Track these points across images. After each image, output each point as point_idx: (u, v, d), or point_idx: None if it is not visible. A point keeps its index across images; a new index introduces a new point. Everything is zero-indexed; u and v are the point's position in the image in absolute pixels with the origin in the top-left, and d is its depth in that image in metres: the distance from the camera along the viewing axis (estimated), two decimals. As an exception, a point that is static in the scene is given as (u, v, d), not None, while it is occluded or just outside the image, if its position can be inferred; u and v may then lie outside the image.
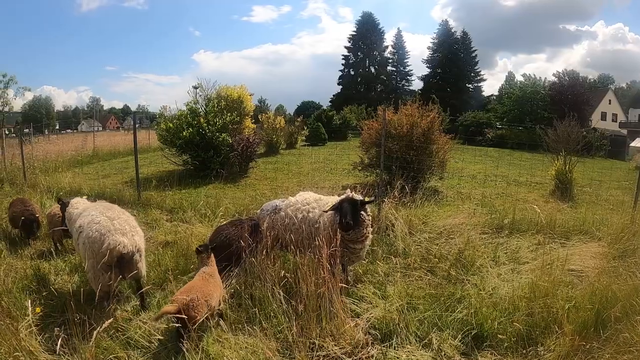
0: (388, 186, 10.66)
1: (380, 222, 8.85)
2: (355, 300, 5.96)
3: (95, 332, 4.36)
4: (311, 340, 4.91)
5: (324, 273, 5.32)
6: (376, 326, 5.38)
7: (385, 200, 9.36)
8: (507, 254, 7.87)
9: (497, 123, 45.86)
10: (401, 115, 14.09)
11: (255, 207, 10.77)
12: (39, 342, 4.97)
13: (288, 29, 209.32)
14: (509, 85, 66.20)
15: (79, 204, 6.79)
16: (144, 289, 5.80)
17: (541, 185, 15.87)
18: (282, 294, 5.45)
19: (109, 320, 4.57)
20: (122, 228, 5.66)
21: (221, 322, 5.10)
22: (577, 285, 6.18)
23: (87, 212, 6.11)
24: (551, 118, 23.74)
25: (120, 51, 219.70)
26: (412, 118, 13.75)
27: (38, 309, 5.49)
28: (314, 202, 6.64)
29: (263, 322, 5.22)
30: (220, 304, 5.21)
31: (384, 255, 7.57)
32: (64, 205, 7.42)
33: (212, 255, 5.51)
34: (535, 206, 8.62)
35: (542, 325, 5.14)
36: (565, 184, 14.10)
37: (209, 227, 9.42)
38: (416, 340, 5.05)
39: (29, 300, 5.40)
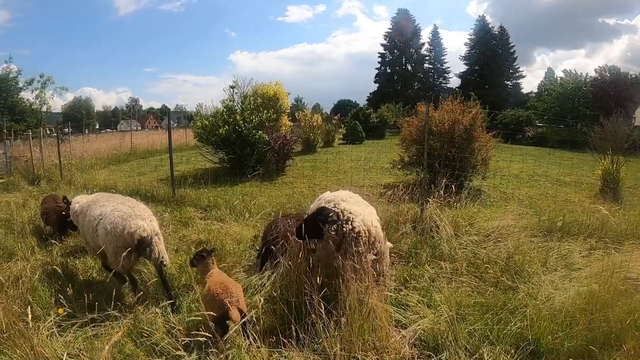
0: (432, 185, 10.16)
1: (423, 223, 8.45)
2: (399, 309, 5.55)
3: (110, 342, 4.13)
4: (353, 355, 4.52)
5: (368, 280, 4.92)
6: (422, 338, 4.98)
7: (430, 200, 8.90)
8: (557, 259, 7.31)
9: (537, 121, 44.53)
10: (442, 112, 13.65)
11: (291, 206, 10.48)
12: (60, 344, 4.77)
13: (323, 28, 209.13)
14: (549, 82, 64.69)
15: (80, 199, 7.20)
16: (172, 291, 5.96)
17: (586, 186, 15.13)
18: (321, 301, 5.05)
19: (119, 333, 4.38)
20: (142, 214, 6.09)
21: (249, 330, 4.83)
22: (634, 296, 5.58)
23: (102, 203, 6.46)
24: (594, 115, 22.87)
25: (157, 53, 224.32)
26: (453, 114, 13.31)
27: (61, 310, 5.34)
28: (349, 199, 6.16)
29: (300, 332, 4.88)
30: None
31: (428, 259, 7.17)
32: (68, 204, 7.67)
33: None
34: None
35: (600, 340, 4.63)
36: (612, 185, 13.35)
37: (244, 226, 9.19)
38: (466, 356, 4.62)
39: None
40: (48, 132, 40.54)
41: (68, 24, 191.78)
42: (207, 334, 4.51)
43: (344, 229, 5.29)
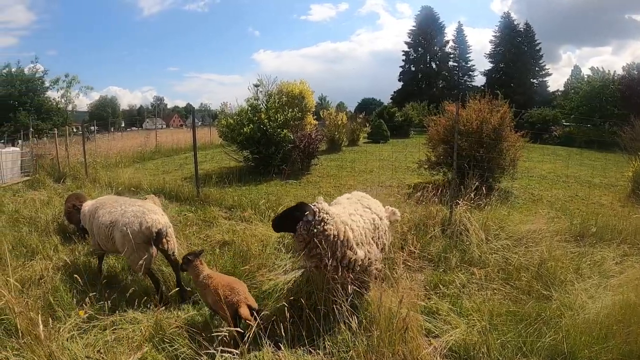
0: (461, 186, 9.86)
1: (453, 226, 8.27)
2: (429, 318, 5.37)
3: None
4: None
5: (399, 289, 4.72)
6: (454, 349, 4.79)
7: (460, 202, 8.63)
8: (590, 265, 7.01)
9: (564, 120, 43.58)
10: (470, 111, 13.38)
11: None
12: (80, 347, 4.72)
13: (346, 27, 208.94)
14: (576, 80, 63.40)
15: (87, 205, 7.55)
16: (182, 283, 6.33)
17: (616, 188, 14.63)
18: (351, 310, 4.91)
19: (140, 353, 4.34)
20: (153, 209, 6.56)
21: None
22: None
23: (109, 208, 6.79)
24: (623, 115, 22.23)
25: (182, 52, 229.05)
26: (482, 114, 13.06)
27: (82, 312, 5.28)
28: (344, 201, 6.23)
29: (327, 340, 4.77)
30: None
31: (458, 264, 7.02)
32: (78, 210, 7.96)
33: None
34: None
35: (637, 355, 4.39)
36: (645, 187, 12.80)
37: (270, 227, 8.98)
38: (499, 368, 4.43)
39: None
40: (74, 130, 41.01)
41: (94, 24, 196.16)
42: (230, 330, 4.54)
43: (314, 229, 5.09)
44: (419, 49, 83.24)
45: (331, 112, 26.83)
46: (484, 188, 9.29)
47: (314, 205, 5.20)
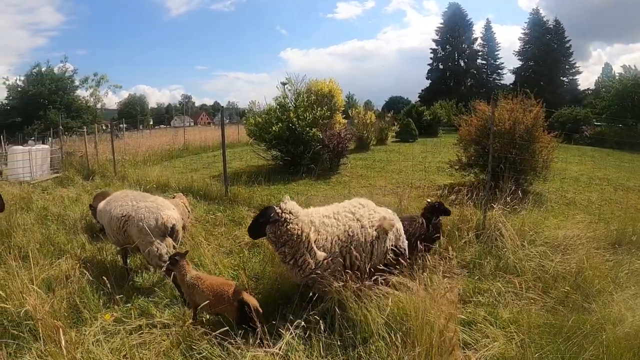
0: (495, 189, 9.53)
1: (487, 230, 8.05)
2: (465, 328, 5.15)
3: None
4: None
5: (437, 298, 4.50)
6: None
7: (495, 205, 8.32)
8: (628, 275, 6.64)
9: (594, 120, 42.42)
10: (502, 111, 13.04)
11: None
12: (105, 352, 4.64)
13: (373, 25, 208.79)
14: (607, 78, 62.11)
15: (102, 203, 7.63)
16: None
17: (652, 191, 14.11)
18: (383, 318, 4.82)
19: None
20: (166, 205, 6.91)
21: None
22: None
23: (120, 202, 7.05)
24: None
25: (209, 51, 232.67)
26: (514, 113, 12.74)
27: (108, 316, 5.29)
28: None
29: (360, 350, 4.63)
30: None
31: (493, 271, 6.81)
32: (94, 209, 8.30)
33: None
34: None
35: None
36: (681, 191, 12.27)
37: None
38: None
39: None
40: (103, 128, 41.48)
41: (122, 24, 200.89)
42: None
43: (279, 230, 5.30)
44: (447, 46, 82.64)
45: (360, 111, 26.68)
46: (520, 192, 9.07)
47: (278, 206, 5.38)
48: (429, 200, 7.57)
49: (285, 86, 19.34)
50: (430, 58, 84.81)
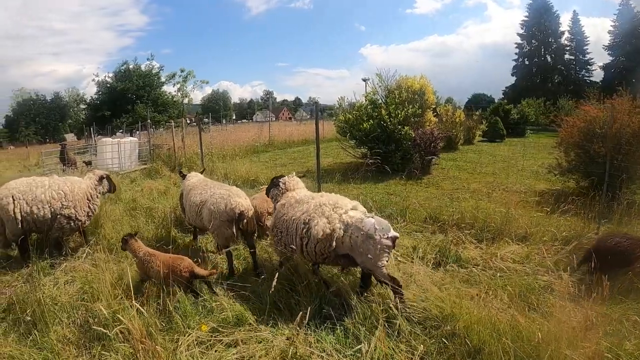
0: (595, 197, 8.80)
1: None
2: None
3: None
4: None
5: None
6: None
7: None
8: None
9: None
10: (606, 112, 11.77)
11: (451, 213, 9.45)
12: None
13: (453, 19, 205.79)
14: None
15: (190, 178, 8.76)
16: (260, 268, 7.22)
17: None
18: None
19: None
20: (238, 193, 7.44)
21: None
22: None
23: (200, 190, 7.90)
24: None
25: (290, 48, 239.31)
26: (620, 115, 11.52)
27: (204, 327, 5.04)
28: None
29: None
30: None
31: (615, 295, 5.65)
32: (183, 177, 9.13)
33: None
34: None
35: None
36: None
37: (408, 237, 8.32)
38: None
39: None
40: (188, 122, 42.60)
41: (204, 24, 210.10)
42: None
43: (275, 191, 7.24)
44: (533, 41, 78.86)
45: (448, 109, 26.05)
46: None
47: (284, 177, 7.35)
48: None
49: (375, 82, 18.95)
50: (516, 54, 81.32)
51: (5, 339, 5.16)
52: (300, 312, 4.90)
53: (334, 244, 5.71)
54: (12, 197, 7.85)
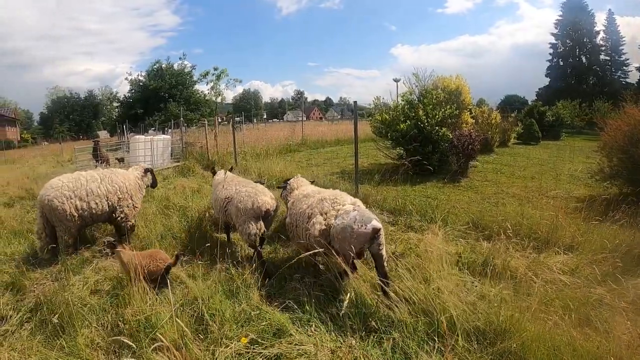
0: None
1: None
2: None
3: None
4: None
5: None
6: None
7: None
8: None
9: None
10: None
11: (492, 217, 9.16)
12: None
13: (485, 19, 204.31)
14: None
15: (218, 176, 9.16)
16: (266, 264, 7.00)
17: None
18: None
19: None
20: (264, 191, 7.66)
21: None
22: None
23: (226, 186, 8.23)
24: None
25: (320, 48, 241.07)
26: None
27: (244, 340, 4.76)
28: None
29: None
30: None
31: None
32: (214, 173, 9.60)
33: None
34: None
35: None
36: None
37: (445, 241, 7.94)
38: None
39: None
40: (219, 120, 42.85)
41: (235, 24, 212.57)
42: None
43: (284, 193, 8.11)
44: (567, 41, 77.55)
45: (484, 110, 25.79)
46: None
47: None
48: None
49: (412, 82, 18.72)
50: (550, 54, 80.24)
51: (31, 341, 5.09)
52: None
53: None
54: (64, 196, 7.95)
